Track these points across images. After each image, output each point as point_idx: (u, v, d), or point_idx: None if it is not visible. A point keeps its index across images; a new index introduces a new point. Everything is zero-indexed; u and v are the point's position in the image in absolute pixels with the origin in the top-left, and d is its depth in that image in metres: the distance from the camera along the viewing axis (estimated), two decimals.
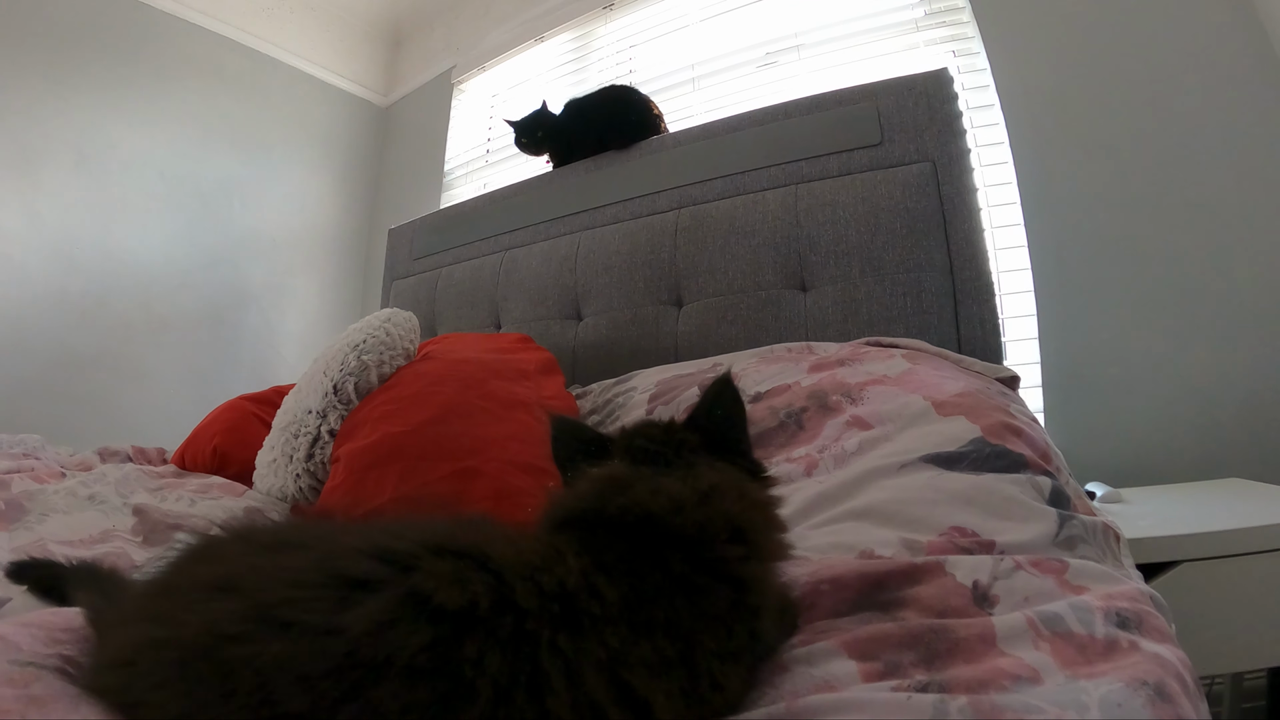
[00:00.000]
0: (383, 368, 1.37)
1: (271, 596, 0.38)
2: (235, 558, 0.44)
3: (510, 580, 0.41)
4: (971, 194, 1.63)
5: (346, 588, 0.38)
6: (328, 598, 0.38)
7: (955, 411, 0.97)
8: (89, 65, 3.01)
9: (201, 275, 3.34)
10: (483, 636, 0.37)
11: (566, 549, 0.47)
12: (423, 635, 0.36)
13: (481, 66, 3.60)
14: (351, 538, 0.44)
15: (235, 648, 0.35)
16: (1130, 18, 1.99)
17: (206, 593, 0.40)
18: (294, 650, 0.35)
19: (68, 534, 1.12)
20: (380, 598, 0.37)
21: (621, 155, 2.17)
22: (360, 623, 0.36)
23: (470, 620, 0.38)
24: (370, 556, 0.40)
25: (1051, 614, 0.57)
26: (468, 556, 0.42)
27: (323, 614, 0.37)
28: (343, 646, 0.35)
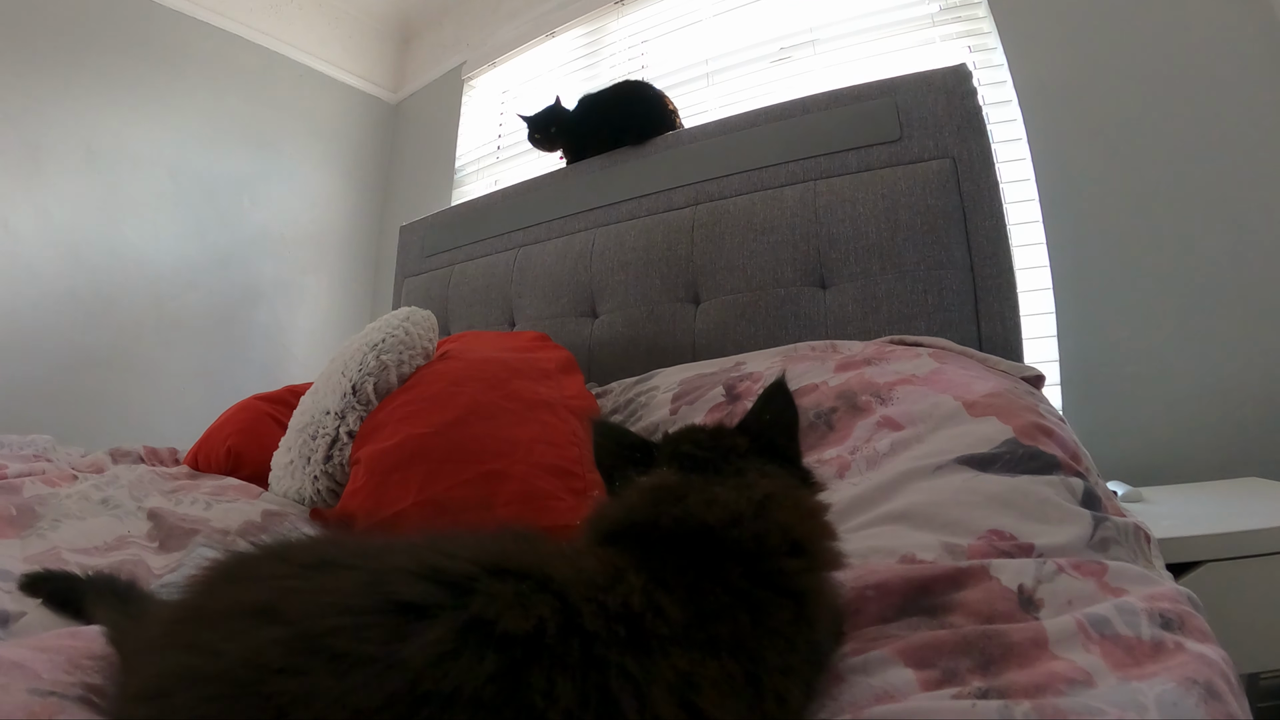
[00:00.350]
0: (402, 367, 1.35)
1: (319, 625, 0.35)
2: (273, 579, 0.41)
3: (575, 602, 0.39)
4: (993, 190, 1.61)
5: (401, 614, 0.36)
6: (381, 625, 0.35)
7: (986, 412, 0.95)
8: (98, 63, 3.01)
9: (211, 273, 3.34)
10: (550, 663, 0.35)
11: (625, 566, 0.45)
12: (489, 665, 0.34)
13: (492, 62, 3.59)
14: (399, 556, 0.41)
15: (282, 681, 0.33)
16: (1148, 13, 1.98)
17: (246, 619, 0.37)
18: (348, 684, 0.32)
19: (82, 541, 1.10)
20: (440, 625, 0.35)
21: (637, 151, 2.15)
22: (421, 654, 0.34)
23: (537, 647, 0.36)
24: (423, 578, 0.38)
25: (1100, 617, 0.57)
26: (528, 577, 0.39)
27: (378, 644, 0.34)
28: (402, 679, 0.33)
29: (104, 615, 0.69)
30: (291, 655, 0.34)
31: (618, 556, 0.47)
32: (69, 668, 0.56)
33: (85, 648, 0.60)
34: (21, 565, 0.95)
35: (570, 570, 0.41)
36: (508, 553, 0.41)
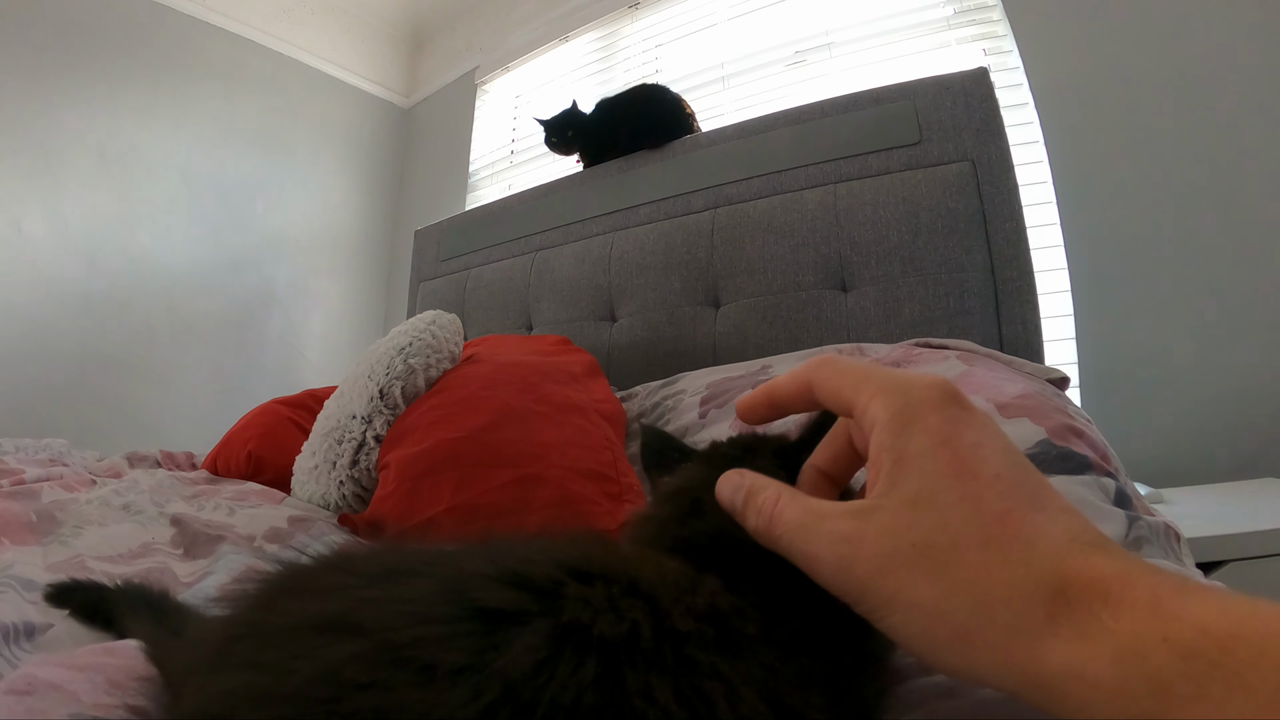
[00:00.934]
0: (429, 371, 1.35)
1: (400, 635, 0.33)
2: (340, 589, 0.39)
3: (665, 605, 0.37)
4: (1013, 193, 1.62)
5: (487, 621, 0.34)
6: (469, 633, 0.33)
7: (1018, 413, 0.95)
8: (111, 67, 3.03)
9: (225, 277, 3.35)
10: (646, 666, 0.34)
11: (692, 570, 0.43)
12: (588, 670, 0.32)
13: (505, 67, 3.60)
14: (473, 562, 0.39)
15: (365, 697, 0.30)
16: (1163, 13, 1.98)
17: (315, 633, 0.35)
18: (438, 697, 0.30)
19: (106, 548, 1.08)
20: (532, 632, 0.33)
21: (654, 155, 2.16)
22: (518, 662, 0.32)
23: (632, 650, 0.34)
24: (507, 584, 0.36)
25: None
26: (616, 581, 0.38)
27: (468, 653, 0.32)
28: (498, 689, 0.31)
29: (140, 629, 0.67)
30: (373, 669, 0.31)
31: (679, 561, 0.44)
32: (109, 688, 0.54)
33: (124, 665, 0.58)
34: (45, 574, 0.94)
35: (655, 573, 0.40)
36: (590, 556, 0.40)
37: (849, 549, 0.33)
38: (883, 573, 0.32)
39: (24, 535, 1.10)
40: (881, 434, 0.35)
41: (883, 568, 0.32)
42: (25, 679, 0.53)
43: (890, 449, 0.34)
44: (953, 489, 0.32)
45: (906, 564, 0.31)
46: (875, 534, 0.32)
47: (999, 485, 0.32)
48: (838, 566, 0.33)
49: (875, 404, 0.36)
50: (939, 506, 0.31)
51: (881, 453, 0.34)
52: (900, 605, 0.31)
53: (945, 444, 0.33)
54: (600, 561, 0.39)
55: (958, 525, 0.31)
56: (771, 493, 0.37)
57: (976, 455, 0.33)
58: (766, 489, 0.38)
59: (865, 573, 0.32)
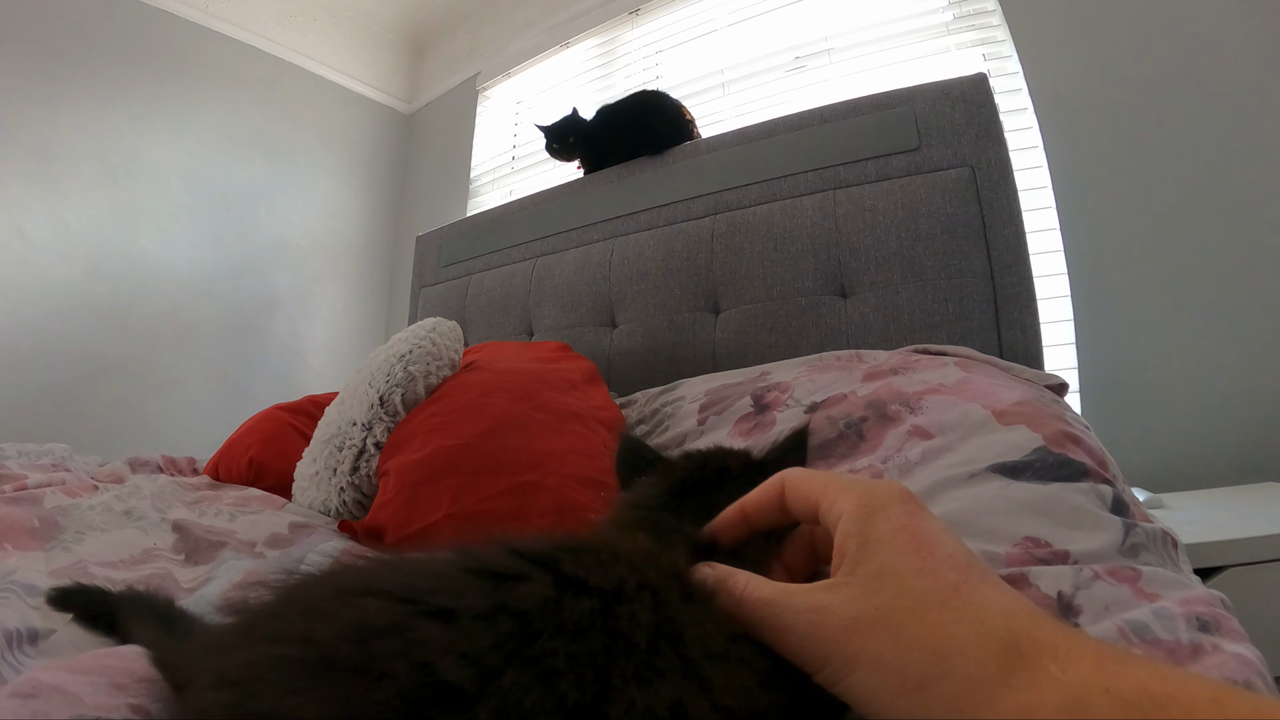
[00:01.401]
0: (429, 378, 1.35)
1: (420, 590, 0.36)
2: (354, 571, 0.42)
3: (642, 566, 0.43)
4: (1012, 199, 1.62)
5: (496, 579, 0.38)
6: (481, 587, 0.37)
7: (1016, 420, 0.96)
8: (114, 74, 3.04)
9: (227, 283, 3.36)
10: (633, 602, 0.39)
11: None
12: (588, 602, 0.38)
13: (506, 73, 3.62)
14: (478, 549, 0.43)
15: (388, 640, 0.32)
16: (1162, 18, 1.98)
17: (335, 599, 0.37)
18: (458, 633, 0.33)
19: (108, 554, 1.08)
20: (538, 582, 0.38)
21: (654, 161, 2.16)
22: (528, 599, 0.36)
23: (619, 594, 0.39)
24: (509, 554, 0.41)
25: (1139, 623, 0.58)
26: (601, 550, 0.43)
27: (483, 598, 0.36)
28: (512, 622, 0.35)
29: (143, 634, 0.68)
30: (397, 615, 0.34)
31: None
32: (112, 690, 0.54)
33: (127, 668, 0.58)
34: (47, 579, 0.94)
35: (633, 545, 0.46)
36: (577, 538, 0.46)
37: (818, 616, 0.36)
38: (848, 633, 0.35)
39: (27, 541, 1.10)
40: (847, 523, 0.39)
41: (849, 629, 0.35)
42: (29, 683, 0.54)
43: (855, 535, 0.38)
44: (911, 563, 0.36)
45: (870, 625, 0.34)
46: (842, 602, 0.36)
47: (952, 562, 0.36)
48: (806, 633, 0.36)
49: (842, 499, 0.41)
50: (900, 577, 0.35)
51: (847, 539, 0.39)
52: (863, 662, 0.34)
53: (904, 529, 0.37)
54: (586, 540, 0.45)
55: (917, 591, 0.35)
56: (741, 578, 0.41)
57: (932, 540, 0.37)
58: (735, 575, 0.42)
59: (832, 634, 0.35)
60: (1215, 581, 1.22)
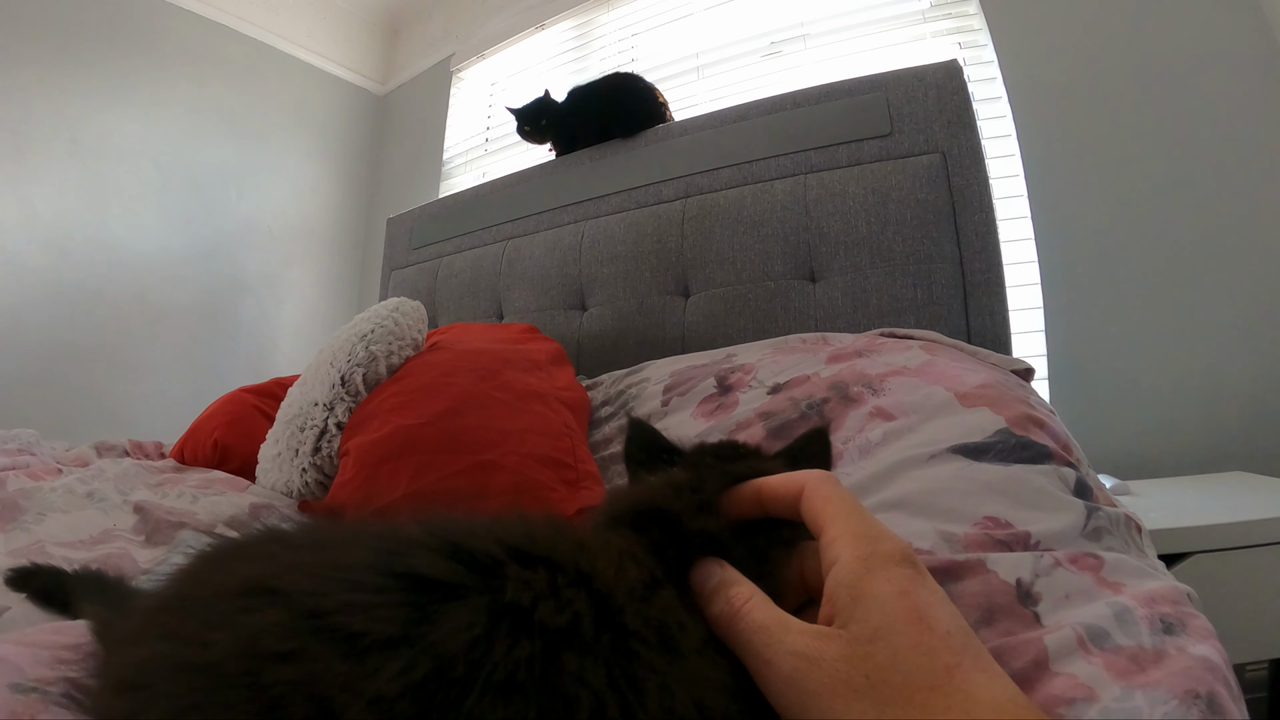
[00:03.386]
0: (391, 358, 1.34)
1: (326, 602, 0.31)
2: (267, 557, 0.37)
3: (619, 602, 0.37)
4: (983, 185, 1.62)
5: (421, 592, 0.32)
6: (400, 603, 0.31)
7: (978, 403, 0.96)
8: (83, 52, 2.98)
9: (197, 266, 3.32)
10: (583, 651, 0.33)
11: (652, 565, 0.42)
12: (524, 650, 0.31)
13: (481, 54, 3.59)
14: (413, 531, 0.37)
15: (284, 669, 0.29)
16: (1137, 11, 1.99)
17: (238, 599, 0.33)
18: (364, 669, 0.29)
19: (68, 534, 1.08)
20: (469, 607, 0.32)
21: (626, 144, 2.15)
22: (452, 638, 0.30)
23: (572, 637, 0.33)
24: (445, 556, 0.35)
25: (1099, 629, 0.57)
26: (561, 568, 0.37)
27: (398, 624, 0.30)
28: (429, 663, 0.29)
29: (90, 610, 0.68)
30: (294, 638, 0.30)
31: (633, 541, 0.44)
32: (52, 663, 0.55)
33: (71, 643, 0.59)
34: (5, 559, 0.94)
35: (613, 571, 0.39)
36: (535, 538, 0.39)
37: (805, 665, 0.35)
38: (832, 694, 0.34)
39: None
40: (842, 571, 0.38)
41: (833, 690, 0.34)
42: None
43: (850, 586, 0.37)
44: (908, 635, 0.34)
45: (857, 692, 0.33)
46: (832, 658, 0.35)
47: (950, 642, 0.34)
48: (790, 679, 0.35)
49: (842, 542, 0.39)
50: (894, 647, 0.34)
51: (839, 588, 0.37)
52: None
53: (904, 595, 0.36)
54: (546, 545, 0.38)
55: (910, 668, 0.33)
56: (745, 589, 0.40)
57: (931, 612, 0.36)
58: (741, 584, 0.40)
59: (816, 690, 0.34)
60: (1181, 568, 1.24)
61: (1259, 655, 1.26)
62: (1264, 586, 1.24)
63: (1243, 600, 1.23)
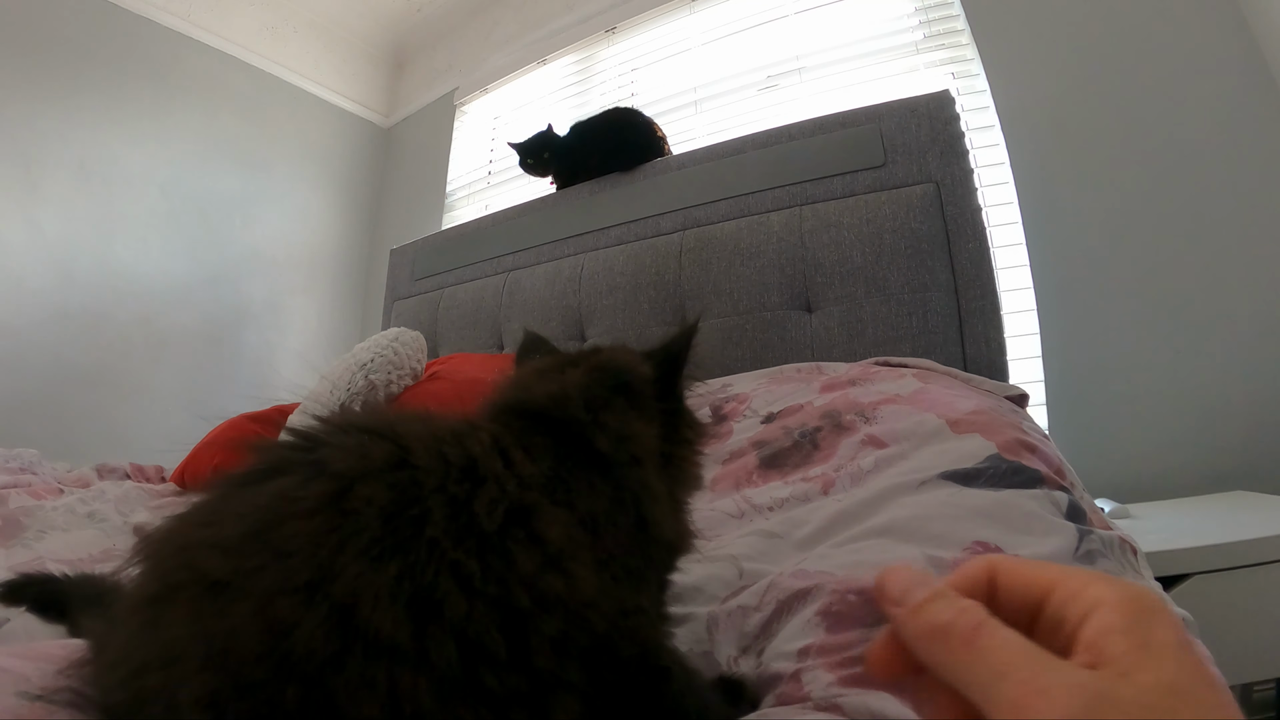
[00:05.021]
0: (390, 388, 1.36)
1: (201, 519, 0.43)
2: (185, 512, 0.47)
3: (411, 446, 0.45)
4: (976, 214, 1.64)
5: (266, 476, 0.43)
6: (248, 484, 0.43)
7: (970, 429, 0.97)
8: (93, 80, 3.02)
9: (201, 293, 3.33)
10: (375, 483, 0.42)
11: (491, 430, 0.51)
12: (320, 486, 0.41)
13: (484, 88, 3.63)
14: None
15: (173, 564, 0.41)
16: (1128, 39, 2.02)
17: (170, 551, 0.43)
18: (213, 532, 0.40)
19: (67, 553, 1.10)
20: (289, 476, 0.43)
21: (626, 177, 2.18)
22: (268, 493, 0.41)
23: (364, 474, 0.43)
24: (290, 447, 0.46)
25: None
26: (373, 432, 0.46)
27: (238, 500, 0.42)
28: (255, 514, 0.40)
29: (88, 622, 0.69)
30: (182, 550, 0.41)
31: (493, 426, 0.53)
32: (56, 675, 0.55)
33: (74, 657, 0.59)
34: (5, 574, 0.94)
35: (421, 427, 0.48)
36: (370, 416, 0.50)
37: (1097, 703, 0.31)
38: None
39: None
40: (1111, 615, 0.34)
41: None
42: None
43: (1127, 633, 0.33)
44: (1206, 696, 0.31)
45: None
46: (1127, 703, 0.31)
47: (1233, 710, 0.31)
48: (1069, 709, 0.31)
49: (1096, 588, 0.35)
50: (1197, 704, 0.31)
51: (1110, 634, 0.33)
52: None
53: (1189, 646, 0.32)
54: (371, 420, 0.49)
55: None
56: (978, 606, 0.35)
57: (1212, 670, 0.33)
58: (969, 600, 0.36)
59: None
60: (1180, 590, 1.23)
61: (1265, 674, 1.25)
62: (1268, 605, 1.23)
63: (1247, 619, 1.22)
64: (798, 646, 0.62)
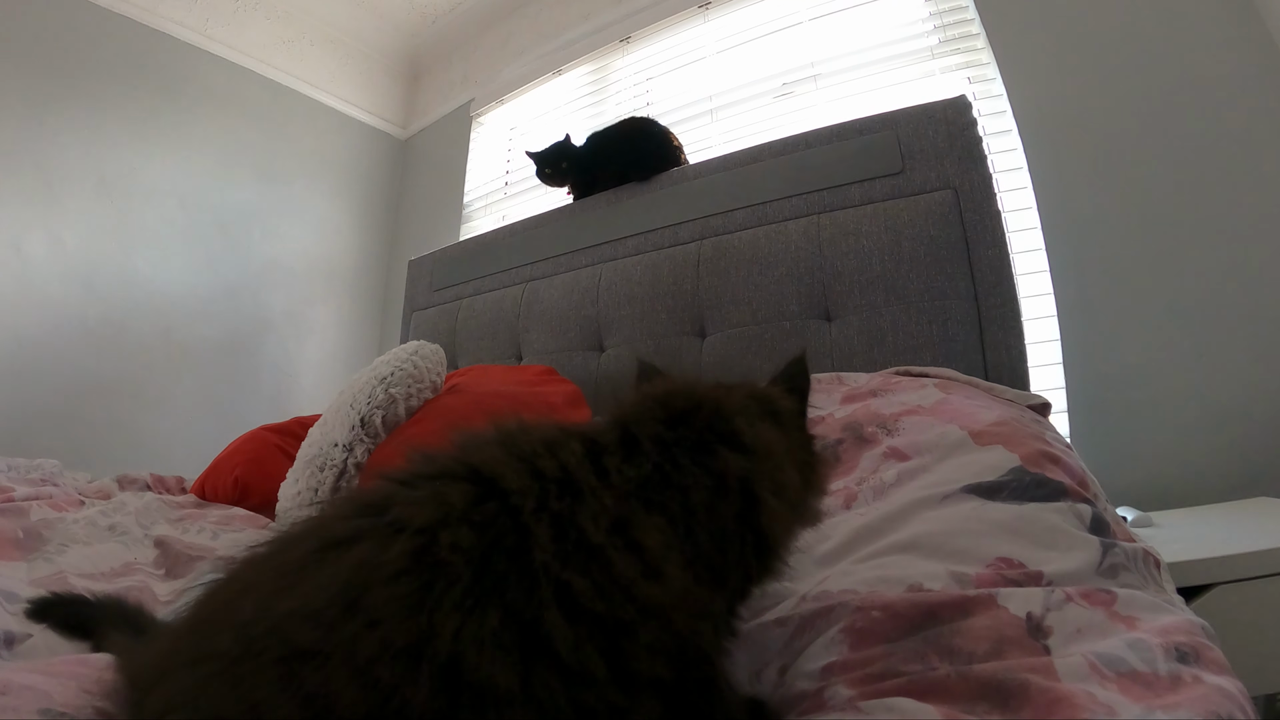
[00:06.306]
0: (410, 401, 1.36)
1: (280, 586, 0.42)
2: (253, 571, 0.48)
3: (497, 473, 0.46)
4: (995, 220, 1.62)
5: (343, 544, 0.43)
6: (320, 560, 0.42)
7: (993, 440, 0.96)
8: (112, 94, 3.06)
9: (221, 304, 3.36)
10: (457, 528, 0.43)
11: (576, 435, 0.53)
12: (401, 546, 0.41)
13: (500, 99, 3.64)
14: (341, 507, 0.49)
15: (257, 629, 0.39)
16: (1144, 39, 2.00)
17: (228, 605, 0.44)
18: (299, 602, 0.40)
19: (88, 566, 1.11)
20: (366, 543, 0.42)
21: (643, 187, 2.18)
22: (348, 564, 0.41)
23: (444, 522, 0.43)
24: (359, 512, 0.46)
25: (1112, 656, 0.56)
26: (445, 476, 0.47)
27: (318, 569, 0.42)
28: (339, 585, 0.40)
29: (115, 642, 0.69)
30: (263, 614, 0.40)
31: (590, 429, 0.56)
32: (80, 693, 0.56)
33: (95, 675, 0.60)
34: (28, 588, 0.96)
35: (500, 450, 0.49)
36: (441, 459, 0.50)
37: None
38: None
39: (10, 551, 1.13)
40: None
41: None
42: (1, 682, 0.56)
43: None
44: None
45: None
46: None
47: None
48: None
49: None
50: None
51: None
52: None
53: None
54: (442, 461, 0.50)
55: None
56: None
57: None
58: None
59: None
60: (1203, 600, 1.21)
61: None
62: None
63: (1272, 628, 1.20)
64: (820, 665, 0.62)
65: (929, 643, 0.61)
